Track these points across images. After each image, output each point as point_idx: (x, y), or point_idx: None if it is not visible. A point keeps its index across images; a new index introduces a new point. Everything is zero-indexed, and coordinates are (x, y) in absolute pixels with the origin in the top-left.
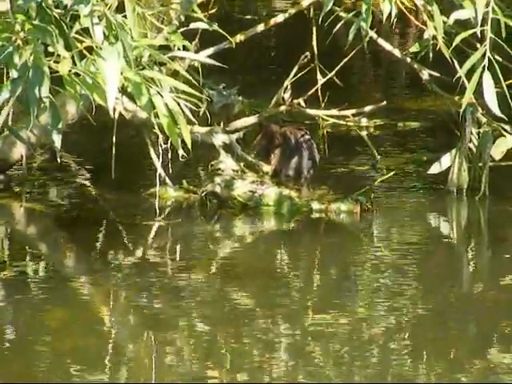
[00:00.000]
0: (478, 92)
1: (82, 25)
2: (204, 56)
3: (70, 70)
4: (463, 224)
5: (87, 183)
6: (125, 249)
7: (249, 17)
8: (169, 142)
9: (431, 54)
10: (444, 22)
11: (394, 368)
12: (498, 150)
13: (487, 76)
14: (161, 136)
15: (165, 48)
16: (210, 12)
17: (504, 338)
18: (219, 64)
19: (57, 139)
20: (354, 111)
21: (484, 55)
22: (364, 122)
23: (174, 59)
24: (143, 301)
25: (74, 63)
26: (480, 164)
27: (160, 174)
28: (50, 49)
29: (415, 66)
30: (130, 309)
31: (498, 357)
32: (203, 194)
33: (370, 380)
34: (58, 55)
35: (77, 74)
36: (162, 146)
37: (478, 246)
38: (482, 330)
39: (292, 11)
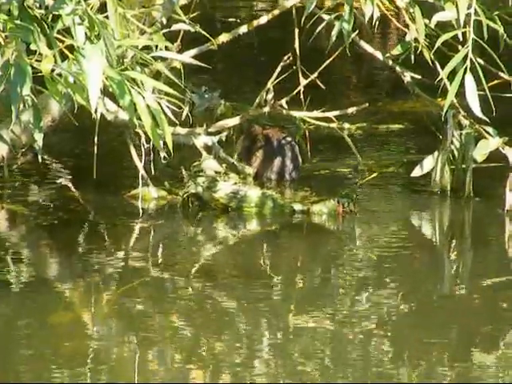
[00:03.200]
0: (460, 94)
1: (65, 24)
2: (187, 57)
3: (52, 70)
4: (446, 225)
5: (68, 184)
6: (106, 250)
7: (231, 19)
8: (151, 143)
9: (413, 57)
10: (426, 25)
11: (376, 368)
12: (480, 152)
13: (469, 78)
14: (143, 137)
15: (146, 49)
16: (192, 14)
17: (486, 338)
18: (202, 64)
19: (39, 138)
20: (336, 113)
21: (466, 57)
22: (346, 123)
23: (156, 60)
24: (125, 302)
25: (56, 63)
26: (463, 166)
27: (142, 175)
28: (33, 47)
29: (397, 68)
30: (112, 310)
31: (481, 357)
32: (185, 196)
33: (352, 380)
34: (40, 54)
35: (59, 75)
36: (144, 147)
37: (461, 247)
38: (464, 330)
39: (275, 12)
